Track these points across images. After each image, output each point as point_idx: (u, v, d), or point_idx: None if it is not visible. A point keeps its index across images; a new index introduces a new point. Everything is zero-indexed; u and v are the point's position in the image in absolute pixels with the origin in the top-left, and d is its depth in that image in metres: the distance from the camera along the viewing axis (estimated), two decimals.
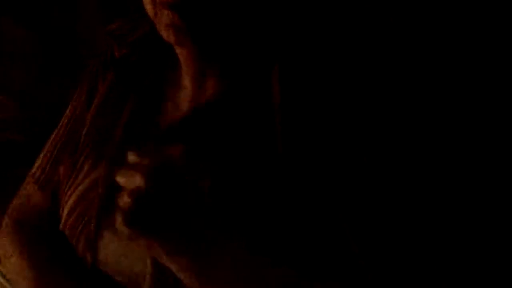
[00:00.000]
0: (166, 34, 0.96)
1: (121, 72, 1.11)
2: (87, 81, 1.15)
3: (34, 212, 1.20)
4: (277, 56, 1.01)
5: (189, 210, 0.89)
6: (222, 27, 0.97)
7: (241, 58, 1.02)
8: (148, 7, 0.97)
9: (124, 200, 0.88)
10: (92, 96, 1.13)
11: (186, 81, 1.05)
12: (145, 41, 1.09)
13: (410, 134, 1.01)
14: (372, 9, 1.22)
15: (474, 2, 1.32)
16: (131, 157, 0.91)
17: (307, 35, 1.03)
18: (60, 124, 1.18)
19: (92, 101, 1.13)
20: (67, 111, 1.19)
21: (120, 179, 0.90)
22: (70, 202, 1.07)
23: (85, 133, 1.11)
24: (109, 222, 1.02)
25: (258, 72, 1.02)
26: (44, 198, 1.17)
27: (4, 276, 1.15)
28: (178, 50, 1.02)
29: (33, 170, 1.20)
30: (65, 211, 1.07)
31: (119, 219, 0.88)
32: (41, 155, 1.20)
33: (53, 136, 1.19)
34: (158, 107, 1.07)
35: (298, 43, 1.02)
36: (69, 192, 1.08)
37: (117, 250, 1.01)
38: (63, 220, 1.08)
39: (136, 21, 1.09)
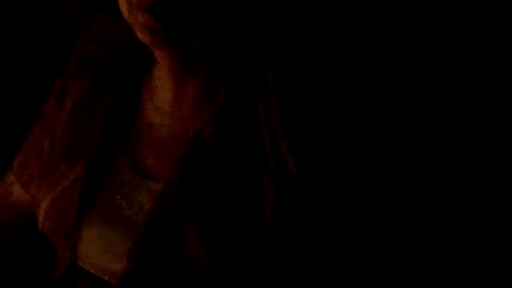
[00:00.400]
0: (142, 36, 0.96)
1: (96, 73, 1.10)
2: (60, 81, 1.15)
3: (11, 211, 1.21)
4: (265, 58, 1.01)
5: None
6: (199, 28, 0.96)
7: (223, 59, 1.02)
8: (124, 9, 0.97)
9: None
10: (63, 96, 1.13)
11: (166, 82, 1.04)
12: (121, 42, 1.09)
13: (405, 137, 1.03)
14: (368, 9, 1.23)
15: (474, 2, 1.32)
16: None
17: (297, 38, 1.04)
18: (39, 121, 1.18)
19: (64, 102, 1.13)
20: (45, 108, 1.18)
21: None
22: (47, 202, 1.07)
23: (61, 133, 1.11)
24: (88, 220, 1.03)
25: (244, 72, 1.02)
26: (25, 197, 1.17)
27: None
28: (155, 52, 1.02)
29: (14, 166, 1.19)
30: (42, 211, 1.07)
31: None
32: (21, 152, 1.19)
33: (33, 132, 1.18)
34: (135, 107, 1.08)
35: (285, 46, 1.02)
36: (46, 192, 1.08)
37: (97, 247, 1.02)
38: (41, 220, 1.08)
39: (112, 22, 1.07)
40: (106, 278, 1.02)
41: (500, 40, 1.30)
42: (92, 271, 1.03)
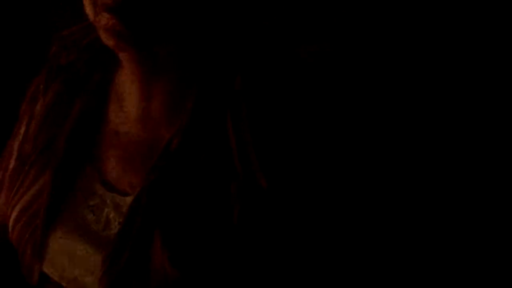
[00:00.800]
0: (105, 38, 0.94)
1: (67, 79, 1.09)
2: (32, 86, 1.14)
3: None
4: (234, 63, 0.99)
5: None
6: (165, 31, 0.95)
7: (192, 63, 1.00)
8: (89, 9, 0.95)
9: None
10: (35, 103, 1.12)
11: (133, 87, 1.03)
12: (93, 47, 1.08)
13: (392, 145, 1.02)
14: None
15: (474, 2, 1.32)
16: None
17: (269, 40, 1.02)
18: (15, 127, 1.17)
19: (35, 108, 1.12)
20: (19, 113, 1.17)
21: None
22: (16, 211, 1.06)
23: (31, 139, 1.10)
24: (56, 229, 1.02)
25: (212, 78, 1.00)
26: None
27: None
28: (120, 54, 1.00)
29: None
30: (12, 220, 1.06)
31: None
32: None
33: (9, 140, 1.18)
34: (103, 114, 1.06)
35: (255, 51, 1.00)
36: (14, 201, 1.07)
37: (66, 258, 1.01)
38: (10, 229, 1.07)
39: (88, 27, 1.06)
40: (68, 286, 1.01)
41: (500, 40, 1.31)
42: (55, 279, 1.03)
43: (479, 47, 1.33)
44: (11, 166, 1.13)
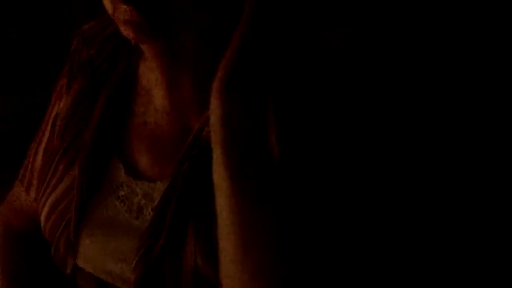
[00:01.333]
0: (125, 31, 0.92)
1: (90, 74, 1.08)
2: (57, 84, 1.15)
3: (18, 216, 1.22)
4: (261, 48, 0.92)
5: None
6: (185, 21, 0.92)
7: (216, 52, 0.94)
8: (106, 3, 0.93)
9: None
10: (59, 99, 1.12)
11: (159, 78, 1.01)
12: (114, 40, 1.07)
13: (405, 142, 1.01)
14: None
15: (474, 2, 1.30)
16: None
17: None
18: (42, 124, 1.18)
19: (59, 104, 1.12)
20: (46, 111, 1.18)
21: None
22: (47, 206, 1.06)
23: (57, 135, 1.10)
24: (88, 223, 1.02)
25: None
26: (29, 201, 1.18)
27: None
28: (143, 47, 0.99)
29: (20, 172, 1.20)
30: (43, 216, 1.07)
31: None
32: (27, 157, 1.19)
33: (35, 137, 1.18)
34: (130, 106, 1.05)
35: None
36: (45, 197, 1.07)
37: (99, 250, 1.01)
38: (42, 224, 1.07)
39: (107, 20, 1.02)
40: (110, 281, 1.01)
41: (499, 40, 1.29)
42: (96, 275, 1.02)
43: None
44: (38, 163, 1.13)
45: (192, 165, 0.96)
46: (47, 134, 1.13)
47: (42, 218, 1.07)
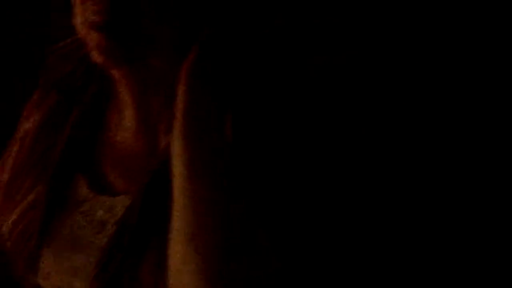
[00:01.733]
0: (96, 57, 0.94)
1: (63, 91, 1.09)
2: (32, 98, 1.15)
3: None
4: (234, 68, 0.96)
5: None
6: (155, 47, 0.95)
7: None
8: (79, 28, 0.95)
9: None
10: (31, 114, 1.13)
11: (129, 99, 1.03)
12: (89, 58, 1.04)
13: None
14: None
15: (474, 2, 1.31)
16: None
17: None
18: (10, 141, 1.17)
19: (31, 119, 1.12)
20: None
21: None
22: (10, 221, 1.06)
23: (26, 150, 1.10)
24: (51, 239, 1.02)
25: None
26: None
27: None
28: (112, 71, 1.01)
29: None
30: (6, 231, 1.06)
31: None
32: None
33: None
34: (101, 124, 1.06)
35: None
36: (9, 212, 1.07)
37: (59, 269, 1.01)
38: (4, 239, 1.06)
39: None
40: None
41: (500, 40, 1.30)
42: None
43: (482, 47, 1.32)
44: (6, 177, 1.12)
45: (156, 179, 0.97)
46: (15, 148, 1.13)
47: (5, 233, 1.06)
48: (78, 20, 0.94)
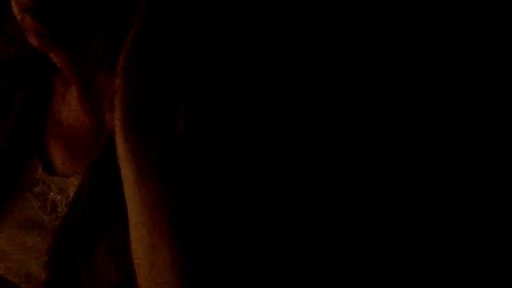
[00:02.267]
0: (31, 40, 0.93)
1: (10, 71, 1.08)
2: None
3: None
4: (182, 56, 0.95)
5: None
6: (90, 29, 0.94)
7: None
8: (15, 11, 0.94)
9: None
10: None
11: (70, 77, 1.02)
12: None
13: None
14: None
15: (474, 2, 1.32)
16: None
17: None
18: None
19: None
20: None
21: None
22: None
23: None
24: (2, 221, 1.02)
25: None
26: None
27: None
28: (50, 54, 0.99)
29: None
30: None
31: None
32: None
33: None
34: (47, 106, 1.06)
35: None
36: None
37: (13, 249, 1.00)
38: None
39: None
40: (23, 286, 0.99)
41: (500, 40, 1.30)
42: (9, 278, 1.01)
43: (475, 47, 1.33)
44: None
45: (104, 157, 0.96)
46: None
47: None
48: (13, 3, 0.93)
